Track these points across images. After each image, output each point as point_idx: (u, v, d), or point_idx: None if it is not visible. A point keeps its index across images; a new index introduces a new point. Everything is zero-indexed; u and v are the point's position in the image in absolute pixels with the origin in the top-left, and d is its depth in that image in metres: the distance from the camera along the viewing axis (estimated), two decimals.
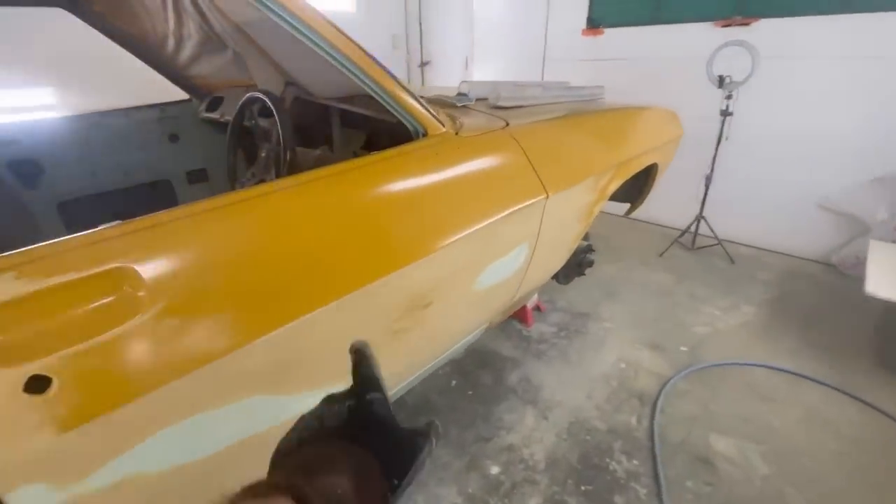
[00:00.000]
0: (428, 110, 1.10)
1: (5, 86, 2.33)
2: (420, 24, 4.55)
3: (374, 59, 1.01)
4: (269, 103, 1.25)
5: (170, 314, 0.67)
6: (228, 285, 0.74)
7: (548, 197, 1.30)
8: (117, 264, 0.65)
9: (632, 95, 2.21)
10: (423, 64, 4.69)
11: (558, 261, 1.70)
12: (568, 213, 1.49)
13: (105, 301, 0.63)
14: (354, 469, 0.42)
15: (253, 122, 1.46)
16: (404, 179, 1.02)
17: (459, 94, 1.64)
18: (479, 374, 2.05)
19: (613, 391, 1.92)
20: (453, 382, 2.01)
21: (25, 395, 0.57)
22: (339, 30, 0.96)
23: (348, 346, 0.51)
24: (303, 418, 0.47)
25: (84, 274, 0.62)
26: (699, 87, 2.84)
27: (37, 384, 0.57)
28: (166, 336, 0.67)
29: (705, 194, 3.04)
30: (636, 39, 3.29)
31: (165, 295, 0.67)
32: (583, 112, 1.66)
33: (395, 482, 0.43)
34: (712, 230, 3.08)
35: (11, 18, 2.25)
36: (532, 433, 1.73)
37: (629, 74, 3.34)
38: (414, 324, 1.07)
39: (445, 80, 4.61)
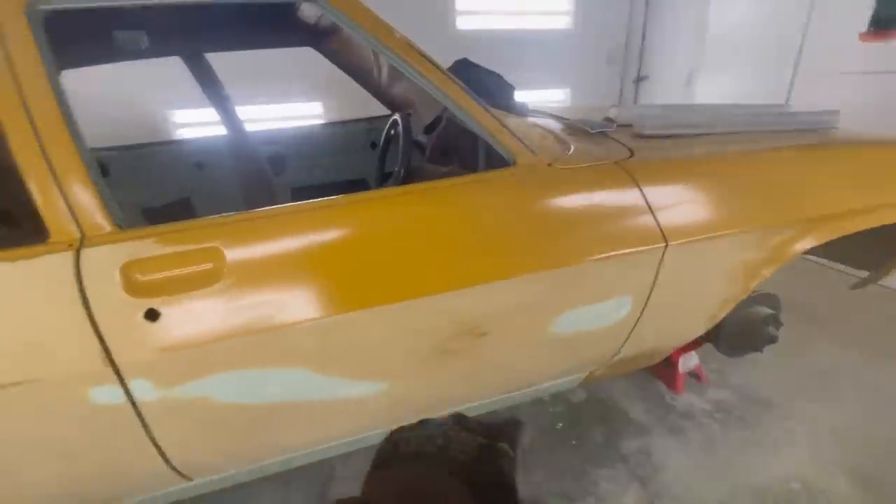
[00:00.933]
0: (517, 138, 1.07)
1: (274, 103, 3.27)
2: (643, 35, 4.22)
3: (460, 85, 1.04)
4: (399, 125, 1.42)
5: (240, 286, 0.88)
6: (295, 272, 0.91)
7: (667, 246, 1.09)
8: (215, 244, 0.88)
9: None
10: (639, 79, 4.34)
11: (691, 325, 1.38)
12: (706, 270, 1.21)
13: (202, 268, 0.87)
14: None
15: (393, 139, 1.67)
16: (479, 205, 1.03)
17: (606, 118, 1.50)
18: (592, 426, 1.84)
19: None
20: (559, 425, 1.86)
21: (144, 320, 0.84)
22: (429, 59, 1.02)
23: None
24: (428, 427, 0.43)
25: (194, 247, 0.87)
26: None
27: (152, 314, 0.84)
28: (236, 301, 0.88)
29: None
30: None
31: (239, 272, 0.88)
32: (770, 147, 1.29)
33: None
34: None
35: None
36: None
37: None
38: (467, 349, 1.07)
39: (663, 96, 4.16)
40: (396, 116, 1.52)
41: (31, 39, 0.81)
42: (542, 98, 4.37)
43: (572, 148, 1.19)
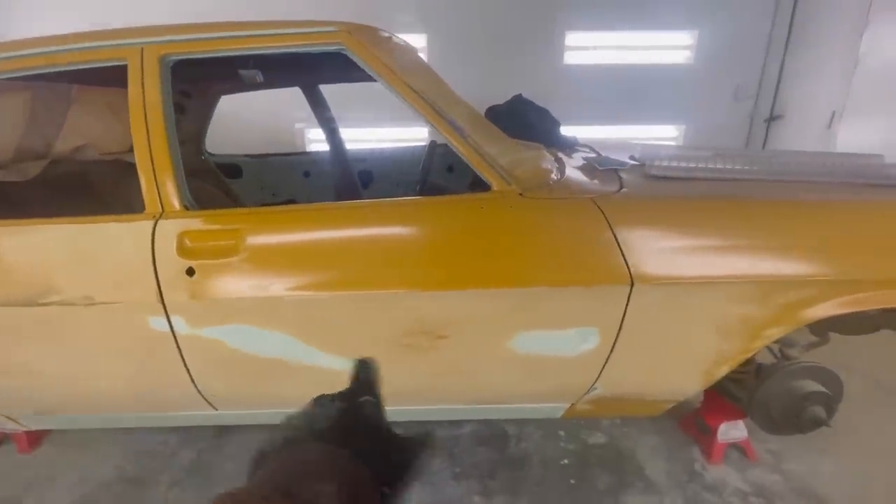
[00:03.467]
0: (493, 167, 1.18)
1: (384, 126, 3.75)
2: (781, 70, 3.79)
3: (441, 114, 1.19)
4: (427, 147, 1.62)
5: (250, 261, 1.17)
6: (288, 256, 1.18)
7: (632, 286, 1.09)
8: (239, 227, 1.19)
9: None
10: (772, 119, 3.89)
11: (681, 376, 1.28)
12: (689, 318, 1.15)
13: (226, 242, 1.19)
14: (342, 475, 0.39)
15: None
16: (450, 221, 1.18)
17: (630, 157, 1.50)
18: (598, 471, 1.76)
19: None
20: (564, 461, 1.82)
21: (185, 275, 1.18)
22: (424, 98, 1.21)
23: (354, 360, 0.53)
24: (290, 417, 0.46)
25: (223, 227, 1.19)
26: None
27: (190, 271, 1.18)
28: (246, 271, 1.17)
29: None
30: None
31: (251, 250, 1.17)
32: (794, 197, 1.17)
33: (386, 490, 0.42)
34: None
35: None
36: None
37: None
38: (426, 348, 1.21)
39: (798, 140, 3.67)
40: (428, 143, 1.74)
41: (158, 79, 1.23)
42: (649, 134, 4.18)
43: (561, 180, 1.26)
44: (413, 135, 4.09)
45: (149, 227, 1.18)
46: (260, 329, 1.21)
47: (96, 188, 2.09)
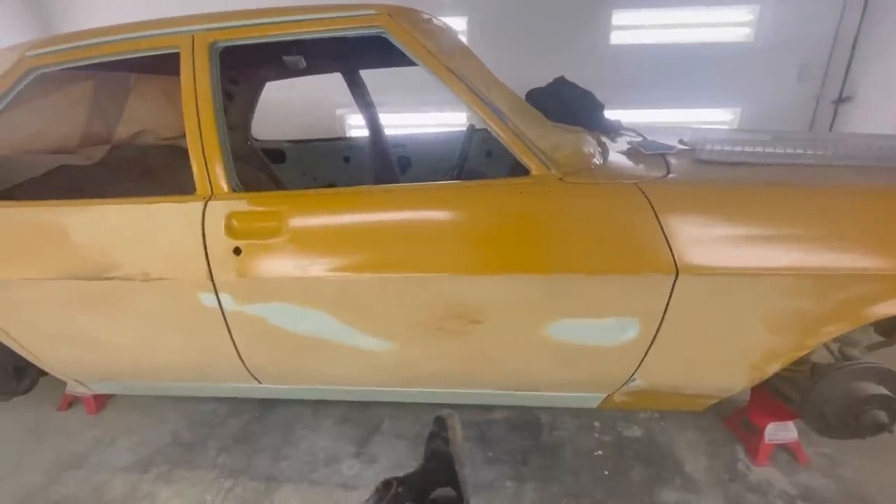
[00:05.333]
0: (532, 151, 1.15)
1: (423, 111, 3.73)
2: (853, 47, 3.48)
3: (481, 98, 1.17)
4: (465, 132, 1.60)
5: (291, 242, 1.21)
6: (327, 238, 1.21)
7: (677, 276, 1.05)
8: (281, 209, 1.23)
9: None
10: (841, 100, 3.60)
11: (726, 371, 1.22)
12: (737, 310, 1.09)
13: (270, 224, 1.23)
14: None
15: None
16: (488, 205, 1.17)
17: (679, 140, 1.42)
18: (634, 464, 1.73)
19: None
20: (598, 452, 1.79)
21: (232, 254, 1.23)
22: (465, 82, 1.19)
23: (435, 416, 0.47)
24: None
25: (267, 209, 1.24)
26: None
27: (237, 250, 1.23)
28: (287, 252, 1.21)
29: None
30: None
31: (292, 232, 1.21)
32: (855, 183, 1.08)
33: None
34: None
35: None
36: None
37: None
38: (461, 332, 1.22)
39: (869, 123, 3.38)
40: (466, 127, 1.71)
41: (208, 66, 1.27)
42: (700, 119, 3.95)
43: (603, 165, 1.21)
44: (448, 120, 4.06)
45: (199, 208, 1.24)
46: (300, 307, 1.26)
47: (154, 171, 2.22)
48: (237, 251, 1.23)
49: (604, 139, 1.55)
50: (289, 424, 1.93)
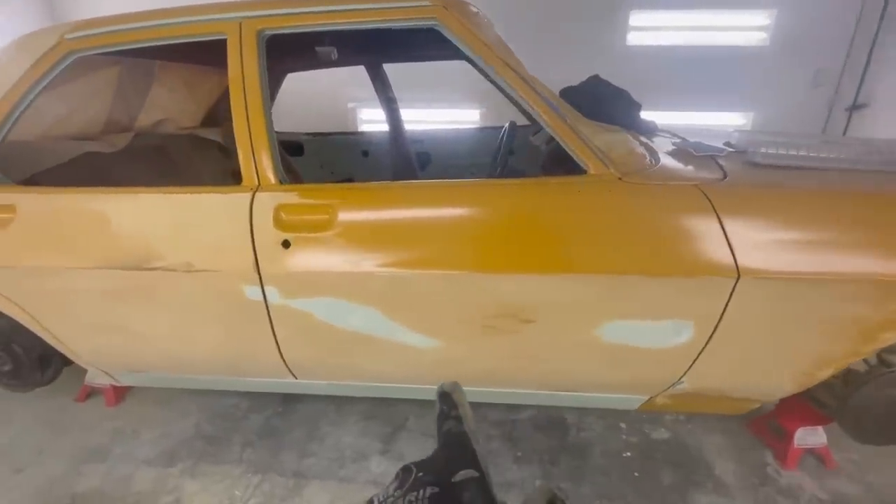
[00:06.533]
0: (591, 150, 1.14)
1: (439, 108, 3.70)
2: (870, 53, 3.50)
3: (541, 95, 1.16)
4: (504, 132, 1.59)
5: (342, 236, 1.19)
6: (378, 232, 1.19)
7: (738, 279, 1.04)
8: (332, 202, 1.20)
9: None
10: (855, 107, 3.62)
11: (775, 377, 1.22)
12: (794, 315, 1.09)
13: (321, 217, 1.20)
14: None
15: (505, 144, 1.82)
16: (543, 204, 1.16)
17: (726, 143, 1.42)
18: (663, 467, 1.73)
19: None
20: (627, 453, 1.79)
21: (281, 247, 1.21)
22: (521, 76, 1.17)
23: (437, 387, 0.45)
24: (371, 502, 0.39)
25: (318, 202, 1.21)
26: None
27: (286, 243, 1.21)
28: (338, 247, 1.19)
29: None
30: None
31: (343, 225, 1.18)
32: None
33: None
34: None
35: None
36: None
37: None
38: (511, 331, 1.20)
39: (884, 131, 3.41)
40: (506, 126, 1.70)
41: (255, 53, 1.24)
42: (713, 121, 3.96)
43: (658, 166, 1.20)
44: (460, 117, 4.04)
45: (247, 199, 1.22)
46: (349, 303, 1.23)
47: (174, 160, 2.18)
48: (286, 244, 1.20)
49: (643, 139, 1.54)
50: (313, 420, 1.91)
